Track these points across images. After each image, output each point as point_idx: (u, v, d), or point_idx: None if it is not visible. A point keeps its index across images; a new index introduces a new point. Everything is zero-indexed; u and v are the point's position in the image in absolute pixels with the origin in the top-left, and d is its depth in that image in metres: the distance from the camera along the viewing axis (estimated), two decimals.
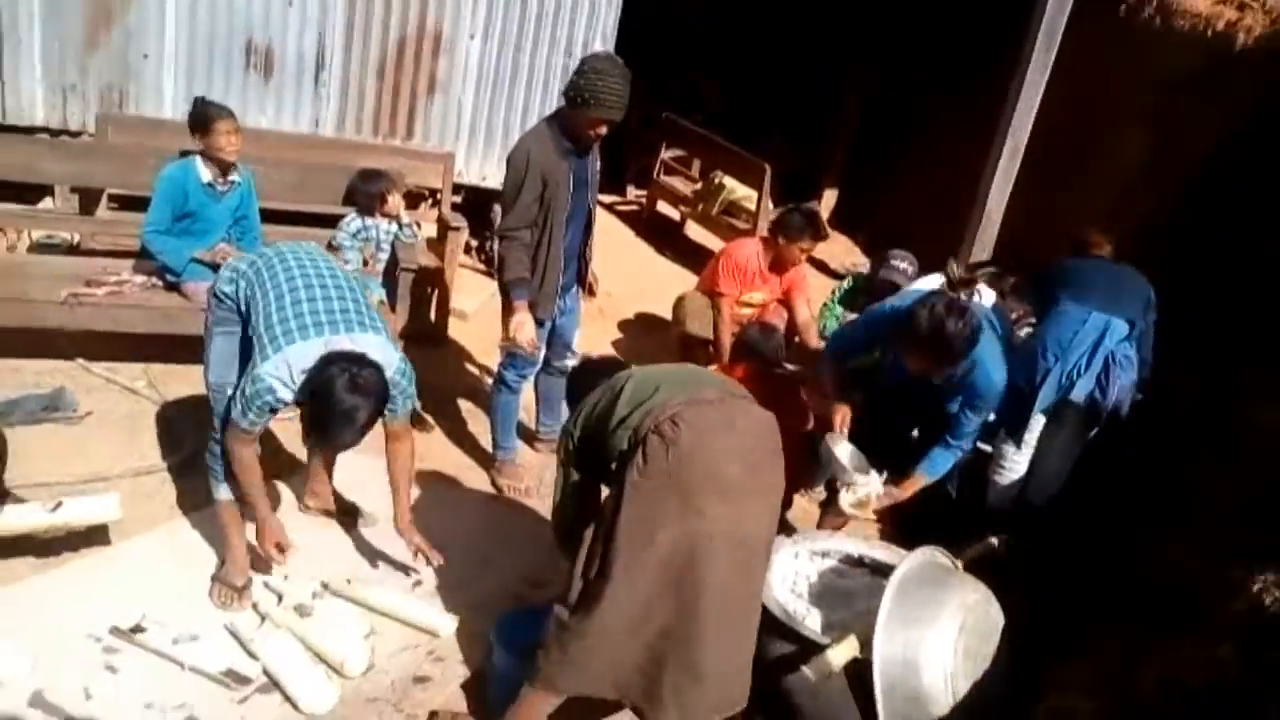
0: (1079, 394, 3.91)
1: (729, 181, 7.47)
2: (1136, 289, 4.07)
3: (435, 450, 4.34)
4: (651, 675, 2.48)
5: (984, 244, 5.97)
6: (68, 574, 3.18)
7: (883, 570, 3.20)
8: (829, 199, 8.80)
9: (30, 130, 5.28)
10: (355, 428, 2.72)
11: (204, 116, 4.14)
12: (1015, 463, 4.10)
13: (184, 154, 4.30)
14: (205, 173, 4.22)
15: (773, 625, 2.89)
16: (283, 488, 3.80)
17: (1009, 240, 5.89)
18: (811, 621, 3.03)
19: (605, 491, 2.63)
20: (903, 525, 4.10)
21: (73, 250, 5.08)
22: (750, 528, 2.55)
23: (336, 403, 2.67)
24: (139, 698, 2.75)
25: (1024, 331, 4.47)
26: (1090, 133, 6.26)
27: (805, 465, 4.11)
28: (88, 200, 5.20)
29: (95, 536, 3.26)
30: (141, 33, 5.30)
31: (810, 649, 2.82)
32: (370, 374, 2.74)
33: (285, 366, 2.76)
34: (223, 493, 3.16)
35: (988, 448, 4.21)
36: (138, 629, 2.97)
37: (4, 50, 5.16)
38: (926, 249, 5.20)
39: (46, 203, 5.31)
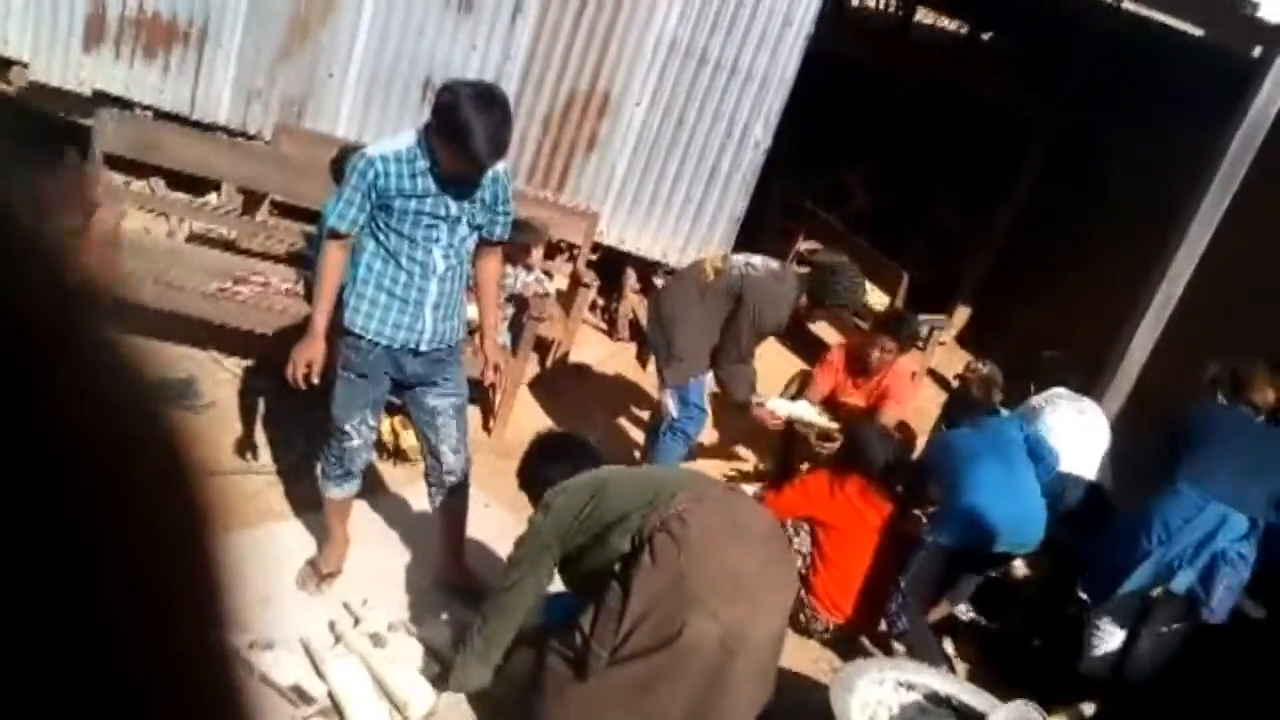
0: (1179, 585, 3.63)
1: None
2: (1274, 473, 3.72)
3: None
4: None
5: (1119, 390, 5.74)
6: None
7: (969, 715, 3.06)
8: (961, 315, 8.63)
9: (212, 127, 5.60)
10: (493, 123, 2.76)
11: None
12: (1110, 634, 3.86)
13: None
14: None
15: None
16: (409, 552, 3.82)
17: (1146, 391, 5.66)
18: None
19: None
20: (993, 671, 3.91)
21: (228, 246, 5.33)
22: (767, 626, 2.52)
23: (466, 104, 2.74)
24: None
25: None
26: (1259, 289, 5.98)
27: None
28: (251, 202, 5.46)
29: None
30: (332, 52, 5.58)
31: None
32: (501, 95, 2.87)
33: (381, 146, 2.93)
34: (333, 492, 3.30)
35: (1085, 597, 4.00)
36: None
37: (205, 49, 5.51)
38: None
39: (212, 198, 5.60)
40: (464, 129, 2.72)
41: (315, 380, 3.07)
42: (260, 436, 4.11)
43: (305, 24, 5.54)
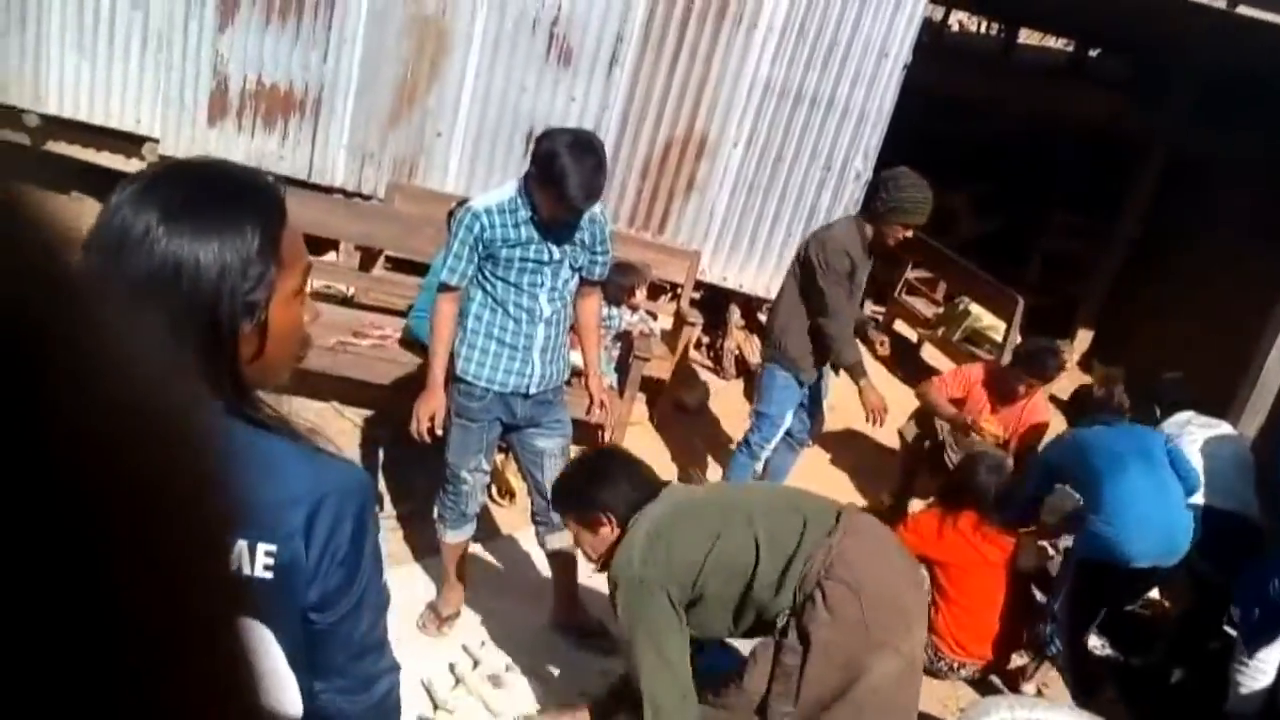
0: None
1: (974, 309, 7.23)
2: None
3: None
4: None
5: (1257, 409, 5.45)
6: None
7: None
8: (1083, 340, 8.34)
9: (329, 190, 5.87)
10: (588, 168, 2.80)
11: None
12: (1263, 664, 3.60)
13: None
14: None
15: None
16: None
17: None
18: None
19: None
20: (1131, 708, 3.72)
21: (346, 302, 5.55)
22: (923, 641, 2.65)
23: (563, 150, 2.79)
24: None
25: None
26: None
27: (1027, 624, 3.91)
28: (367, 258, 5.68)
29: None
30: (439, 113, 5.80)
31: None
32: (596, 142, 2.90)
33: (484, 199, 2.99)
34: (450, 537, 3.37)
35: (1233, 632, 3.78)
36: None
37: (320, 117, 5.80)
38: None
39: (330, 256, 5.85)
40: (560, 174, 2.79)
41: (439, 432, 3.17)
42: (381, 484, 4.24)
43: (413, 88, 5.77)
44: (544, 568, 3.68)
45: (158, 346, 0.33)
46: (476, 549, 3.79)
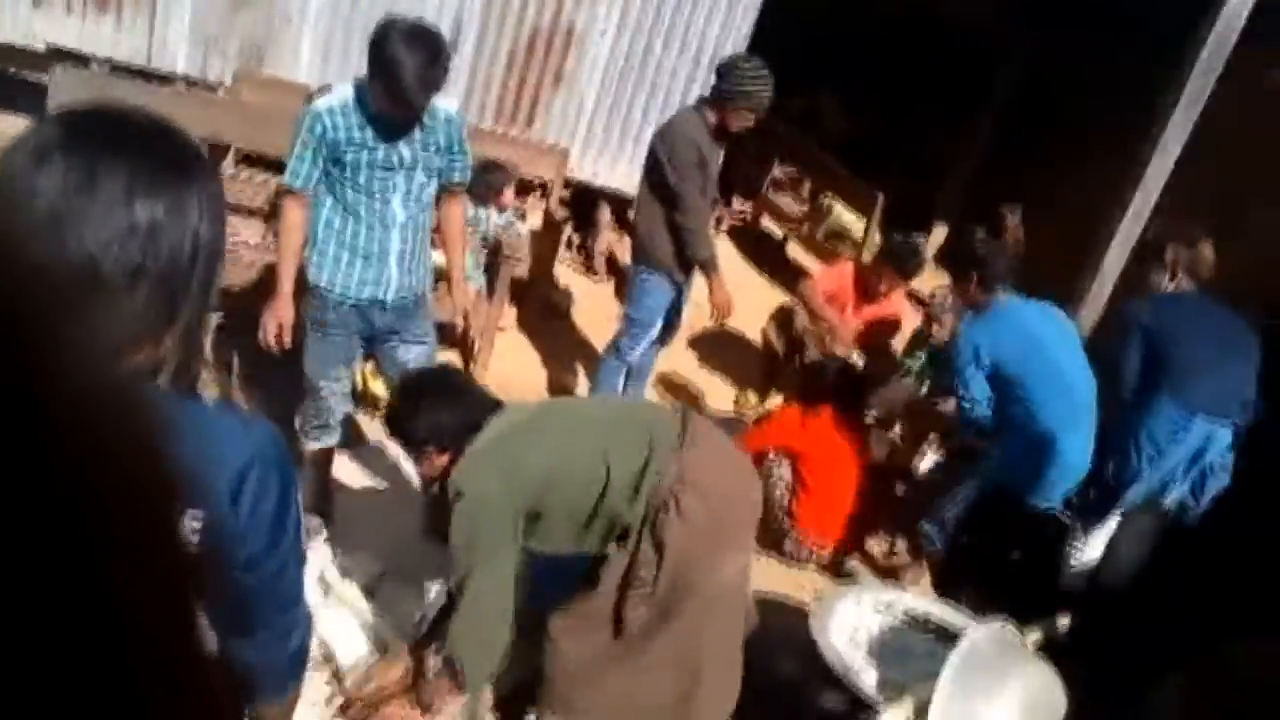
0: (1170, 500, 3.73)
1: (839, 207, 7.36)
2: (1245, 362, 3.67)
3: None
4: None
5: (1095, 305, 5.78)
6: None
7: (948, 634, 3.12)
8: (938, 236, 8.61)
9: (169, 79, 5.48)
10: (421, 60, 2.63)
11: None
12: (1091, 547, 3.93)
13: None
14: None
15: (826, 675, 2.86)
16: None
17: (1124, 298, 5.69)
18: (866, 676, 2.97)
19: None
20: (980, 591, 3.99)
21: None
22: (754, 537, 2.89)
23: (395, 41, 2.64)
24: None
25: None
26: (1233, 203, 5.98)
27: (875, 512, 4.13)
28: (215, 154, 5.36)
29: None
30: None
31: (861, 705, 2.78)
32: (434, 34, 2.73)
33: (325, 98, 2.87)
34: (312, 445, 3.34)
35: (1060, 513, 4.06)
36: None
37: None
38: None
39: None
40: (391, 65, 2.65)
41: (287, 341, 3.07)
42: (237, 394, 4.10)
43: None
44: (413, 475, 3.66)
45: (106, 318, 0.35)
46: (344, 458, 3.74)
